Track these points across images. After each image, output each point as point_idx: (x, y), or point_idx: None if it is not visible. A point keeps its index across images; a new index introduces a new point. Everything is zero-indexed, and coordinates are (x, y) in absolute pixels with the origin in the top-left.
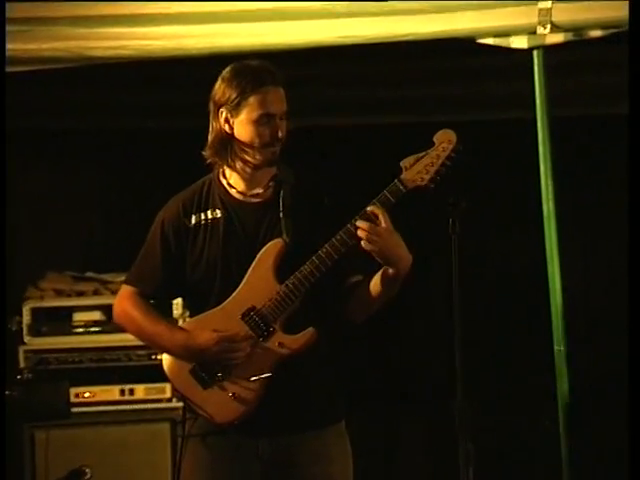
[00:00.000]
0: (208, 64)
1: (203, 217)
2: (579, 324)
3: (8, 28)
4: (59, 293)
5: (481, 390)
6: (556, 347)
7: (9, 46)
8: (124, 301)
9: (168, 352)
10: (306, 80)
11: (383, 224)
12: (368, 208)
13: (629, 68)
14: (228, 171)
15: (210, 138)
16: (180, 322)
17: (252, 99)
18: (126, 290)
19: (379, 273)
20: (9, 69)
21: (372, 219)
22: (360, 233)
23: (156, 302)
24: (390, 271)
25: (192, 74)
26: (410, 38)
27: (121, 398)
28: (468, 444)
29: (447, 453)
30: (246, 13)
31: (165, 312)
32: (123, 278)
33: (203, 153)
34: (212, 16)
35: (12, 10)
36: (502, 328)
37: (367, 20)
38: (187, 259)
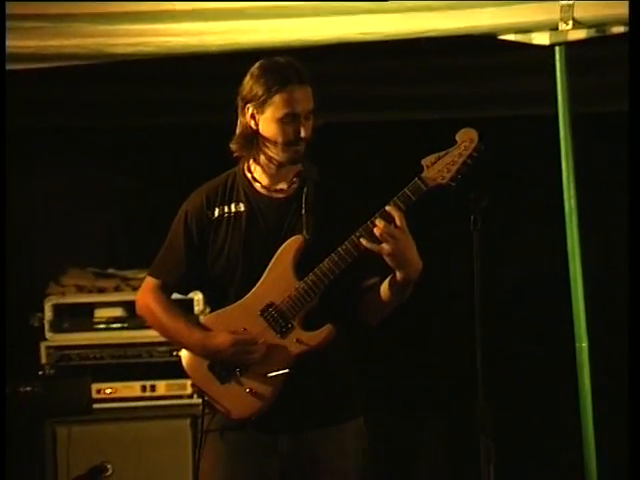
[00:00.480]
0: (226, 61)
1: (226, 210)
2: (601, 321)
3: (28, 24)
4: (80, 289)
5: (501, 389)
6: (577, 344)
7: (30, 43)
8: (147, 294)
9: (186, 349)
10: (326, 77)
11: (399, 224)
12: (386, 207)
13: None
14: (253, 165)
15: (237, 132)
16: (201, 318)
17: (277, 98)
18: (150, 282)
19: (389, 277)
20: (31, 66)
21: (389, 219)
22: (376, 231)
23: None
24: (399, 275)
25: (209, 71)
26: (430, 35)
27: (142, 394)
28: (489, 442)
29: (467, 451)
30: (266, 10)
31: (186, 309)
32: (144, 275)
33: (230, 146)
34: (233, 13)
35: (33, 7)
36: (523, 326)
37: (387, 17)
38: (209, 252)
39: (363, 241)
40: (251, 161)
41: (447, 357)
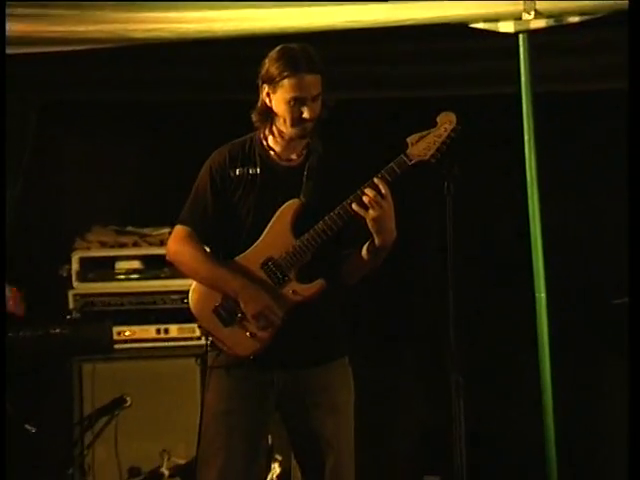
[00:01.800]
0: (234, 44)
1: (245, 171)
2: (558, 275)
3: (56, 12)
4: (103, 244)
5: (470, 332)
6: (537, 294)
7: (59, 28)
8: (179, 241)
9: (214, 287)
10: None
11: (384, 194)
12: (374, 179)
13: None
14: (268, 135)
15: (257, 105)
16: None
17: (286, 82)
18: (181, 231)
19: (367, 244)
20: (58, 48)
21: (377, 189)
22: (365, 199)
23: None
24: (377, 241)
25: (219, 53)
26: (410, 23)
27: (157, 336)
28: (458, 377)
29: (440, 385)
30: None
31: None
32: (160, 232)
33: (251, 116)
34: (236, 3)
35: None
36: (489, 276)
37: (372, 7)
38: (228, 206)
39: (354, 206)
40: (267, 131)
41: (423, 303)
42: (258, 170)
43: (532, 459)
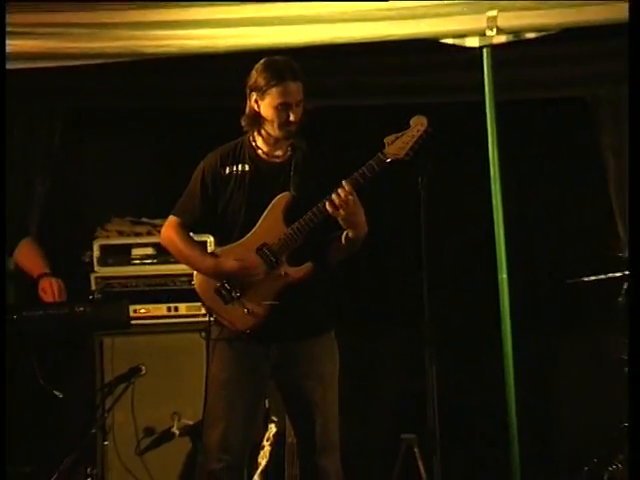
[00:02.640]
0: (235, 58)
1: (235, 169)
2: (518, 258)
3: (80, 30)
4: (121, 234)
5: (442, 311)
6: (499, 275)
7: (78, 45)
8: (170, 229)
9: (198, 271)
10: (309, 70)
11: (350, 196)
12: (343, 182)
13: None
14: (257, 137)
15: (246, 111)
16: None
17: (274, 90)
18: (172, 220)
19: (344, 234)
20: (81, 62)
21: (344, 191)
22: (335, 199)
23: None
24: (350, 233)
25: (223, 66)
26: (389, 38)
27: (168, 313)
28: (431, 349)
29: (415, 356)
30: (263, 19)
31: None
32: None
33: (241, 121)
34: (236, 21)
35: (80, 17)
36: (458, 260)
37: (355, 25)
38: (219, 201)
39: (327, 206)
40: (255, 134)
41: (401, 284)
42: (247, 167)
43: (496, 419)
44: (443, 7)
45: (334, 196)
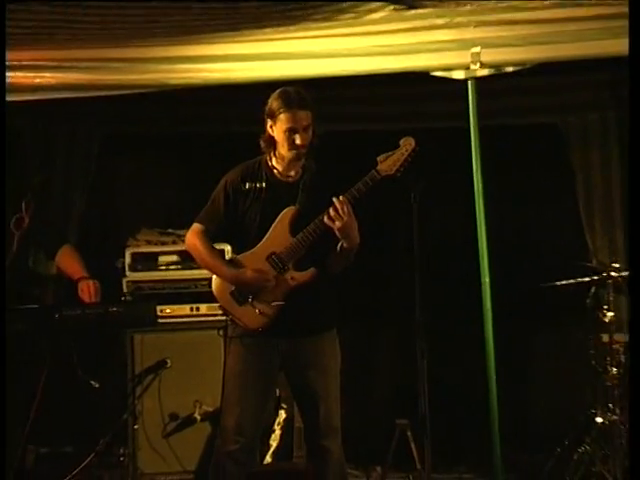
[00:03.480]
0: (250, 88)
1: (253, 185)
2: (499, 264)
3: (112, 65)
4: (149, 243)
5: (433, 310)
6: (482, 279)
7: (113, 77)
8: (194, 236)
9: (221, 278)
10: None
11: (345, 210)
12: (340, 198)
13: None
14: (273, 158)
15: (264, 135)
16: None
17: (283, 116)
18: (196, 227)
19: (339, 245)
20: (114, 92)
21: (340, 207)
22: (331, 214)
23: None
24: (344, 244)
25: (239, 96)
26: (387, 71)
27: (190, 313)
28: (423, 345)
29: (408, 351)
30: (275, 54)
31: None
32: None
33: (260, 143)
34: (251, 56)
35: (114, 52)
36: (446, 266)
37: (357, 59)
38: (238, 212)
39: (325, 219)
40: (272, 154)
41: (395, 288)
42: (264, 185)
43: (479, 406)
44: (433, 44)
45: (331, 209)
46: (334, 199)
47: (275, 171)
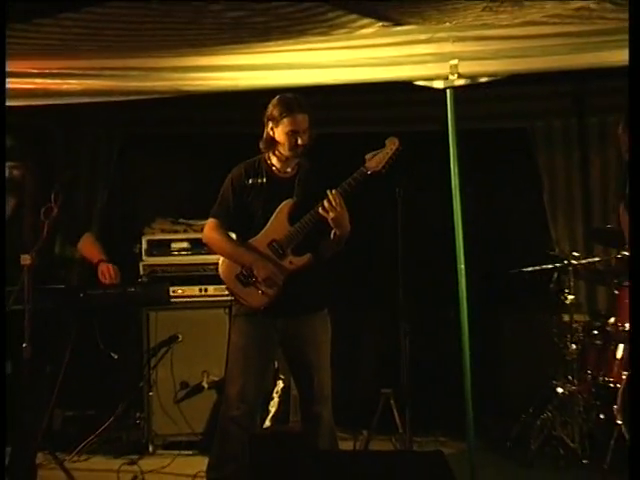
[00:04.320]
0: (255, 95)
1: (255, 181)
2: (473, 253)
3: (132, 73)
4: (163, 231)
5: (415, 293)
6: (458, 265)
7: (132, 84)
8: (212, 230)
9: (235, 261)
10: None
11: (338, 201)
12: (333, 191)
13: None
14: (272, 156)
15: (263, 136)
16: None
17: (285, 120)
18: (212, 222)
19: (332, 233)
20: (133, 98)
21: (334, 200)
22: (325, 205)
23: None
24: (337, 232)
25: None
26: (375, 80)
27: (199, 294)
28: (405, 324)
29: (393, 328)
30: (276, 64)
31: None
32: (201, 223)
33: (259, 144)
34: (254, 66)
35: (133, 62)
36: (426, 254)
37: (349, 69)
38: (243, 205)
39: (320, 210)
40: (270, 154)
41: (381, 273)
42: (264, 180)
43: (455, 378)
44: (416, 57)
45: (325, 202)
46: (328, 192)
47: (274, 168)
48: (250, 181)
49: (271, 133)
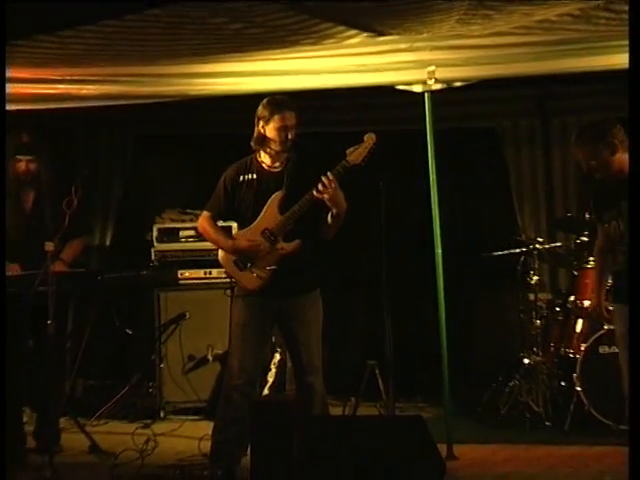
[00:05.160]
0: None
1: (246, 177)
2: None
3: (145, 79)
4: (172, 220)
5: (395, 275)
6: (435, 250)
7: (145, 89)
8: (204, 221)
9: (222, 250)
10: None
11: (333, 184)
12: (328, 173)
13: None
14: (262, 153)
15: (254, 135)
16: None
17: (276, 117)
18: (205, 214)
19: (330, 213)
20: (144, 101)
21: (327, 180)
22: (320, 187)
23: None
24: (334, 211)
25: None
26: (360, 85)
27: (204, 276)
28: (387, 302)
29: (377, 307)
30: (272, 71)
31: (228, 232)
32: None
33: (251, 143)
34: (253, 73)
35: (144, 69)
36: (407, 241)
37: (336, 75)
38: (236, 199)
39: (315, 193)
40: (261, 152)
41: (366, 257)
42: (255, 176)
43: (432, 350)
44: (397, 64)
45: (320, 185)
46: (323, 177)
47: (263, 164)
48: (242, 178)
49: (262, 131)
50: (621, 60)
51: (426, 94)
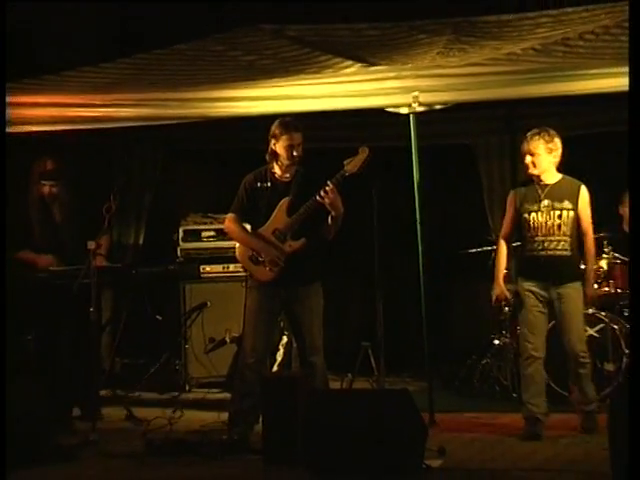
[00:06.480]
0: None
1: (263, 185)
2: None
3: (170, 103)
4: (195, 223)
5: (386, 268)
6: (420, 247)
7: (169, 112)
8: (231, 222)
9: (248, 246)
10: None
11: (334, 190)
12: (328, 182)
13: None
14: (275, 165)
15: (268, 150)
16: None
17: (284, 137)
18: (231, 216)
19: (329, 216)
20: (170, 122)
21: (328, 188)
22: (322, 193)
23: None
24: (333, 214)
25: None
26: (355, 107)
27: (223, 270)
28: (380, 291)
29: (369, 296)
30: (278, 95)
31: None
32: (224, 216)
33: (266, 157)
34: (263, 97)
35: (169, 94)
36: (396, 240)
37: (335, 99)
38: (253, 203)
39: (318, 198)
40: (274, 164)
41: (361, 254)
42: (269, 184)
43: (417, 333)
44: (387, 89)
45: (322, 191)
46: (326, 185)
47: (276, 175)
48: (259, 185)
49: (274, 147)
50: (575, 87)
51: (411, 115)
